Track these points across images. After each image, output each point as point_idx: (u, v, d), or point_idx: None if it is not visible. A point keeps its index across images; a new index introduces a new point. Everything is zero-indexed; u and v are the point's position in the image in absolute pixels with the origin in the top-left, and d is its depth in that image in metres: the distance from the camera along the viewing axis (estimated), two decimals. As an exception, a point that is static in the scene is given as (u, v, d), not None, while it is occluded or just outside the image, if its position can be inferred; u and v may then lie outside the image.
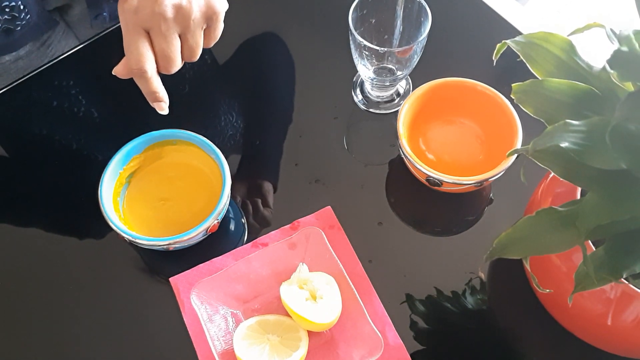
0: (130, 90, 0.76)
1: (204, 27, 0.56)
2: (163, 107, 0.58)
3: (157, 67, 0.55)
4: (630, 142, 0.36)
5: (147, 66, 0.54)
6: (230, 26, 0.61)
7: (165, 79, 0.75)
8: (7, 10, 0.66)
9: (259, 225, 0.65)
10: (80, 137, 0.71)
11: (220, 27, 0.57)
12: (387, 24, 0.68)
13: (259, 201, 0.67)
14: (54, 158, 0.71)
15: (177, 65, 0.56)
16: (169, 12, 0.52)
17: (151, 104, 0.57)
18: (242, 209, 0.67)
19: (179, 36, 0.55)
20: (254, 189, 0.68)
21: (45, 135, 0.72)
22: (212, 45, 0.58)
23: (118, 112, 0.73)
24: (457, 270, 0.62)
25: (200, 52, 0.57)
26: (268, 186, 0.68)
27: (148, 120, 0.68)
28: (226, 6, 0.57)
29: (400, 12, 0.66)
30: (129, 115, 0.73)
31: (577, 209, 0.40)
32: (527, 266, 0.44)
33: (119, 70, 0.56)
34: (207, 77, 0.74)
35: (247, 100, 0.74)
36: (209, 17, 0.55)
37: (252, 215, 0.66)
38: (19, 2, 0.66)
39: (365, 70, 0.68)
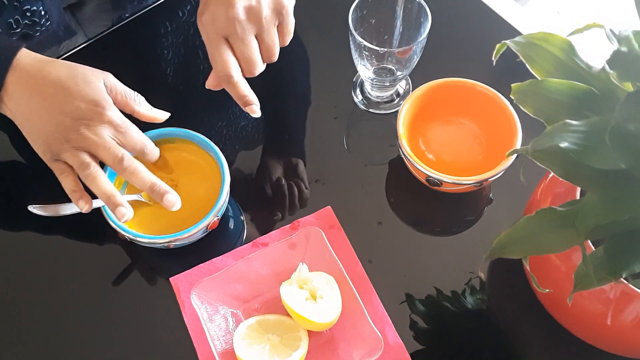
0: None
1: (277, 24, 0.58)
2: (255, 110, 0.59)
3: (242, 72, 0.58)
4: (629, 142, 0.36)
5: (232, 71, 0.57)
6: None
7: (168, 77, 0.75)
8: (27, 14, 0.66)
9: (260, 226, 0.65)
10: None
11: (291, 21, 0.59)
12: (387, 25, 0.68)
13: (259, 199, 0.67)
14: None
15: (259, 66, 0.58)
16: (242, 14, 0.55)
17: (243, 109, 0.59)
18: (241, 207, 0.67)
19: (256, 37, 0.57)
20: (254, 188, 0.68)
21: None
22: (287, 42, 0.61)
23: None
24: (456, 270, 0.62)
25: (277, 50, 0.59)
26: (268, 186, 0.68)
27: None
28: (293, 3, 0.59)
29: (400, 12, 0.67)
30: (128, 114, 0.73)
31: (577, 209, 0.40)
32: (527, 266, 0.44)
33: (210, 83, 0.60)
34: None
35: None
36: (279, 12, 0.57)
37: (252, 214, 0.66)
38: (40, 7, 0.66)
39: (365, 70, 0.68)
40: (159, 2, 0.78)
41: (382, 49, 0.62)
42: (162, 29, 0.76)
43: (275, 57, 0.60)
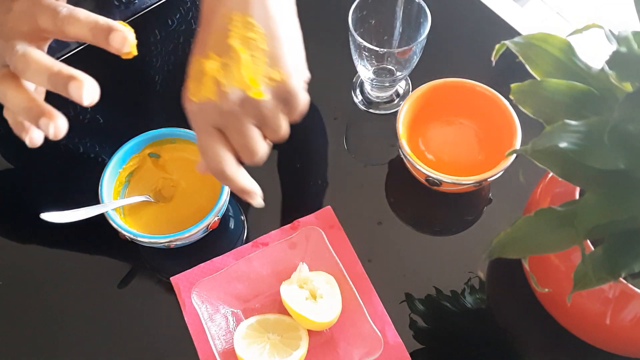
0: (129, 90, 0.76)
1: (283, 108, 0.48)
2: (259, 203, 0.52)
3: (241, 159, 0.49)
4: (628, 142, 0.37)
5: (225, 167, 0.48)
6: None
7: (165, 78, 0.75)
8: None
9: (260, 226, 0.65)
10: (78, 137, 0.71)
11: (300, 102, 0.48)
12: (386, 25, 0.68)
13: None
14: (54, 158, 0.71)
15: (261, 154, 0.49)
16: (237, 108, 0.46)
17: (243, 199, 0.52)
18: (241, 207, 0.67)
19: (256, 125, 0.48)
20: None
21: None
22: (298, 120, 0.49)
23: (117, 111, 0.73)
24: (456, 270, 0.62)
25: (286, 132, 0.49)
26: (268, 185, 0.68)
27: (147, 120, 0.68)
28: (305, 76, 0.49)
29: (399, 13, 0.67)
30: (127, 114, 0.73)
31: (576, 208, 0.40)
32: (526, 265, 0.44)
33: (200, 169, 0.51)
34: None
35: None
36: (283, 98, 0.47)
37: (252, 214, 0.66)
38: None
39: (365, 70, 0.68)
40: (148, 9, 0.77)
41: (382, 49, 0.62)
42: (151, 37, 0.75)
43: (285, 138, 0.50)
